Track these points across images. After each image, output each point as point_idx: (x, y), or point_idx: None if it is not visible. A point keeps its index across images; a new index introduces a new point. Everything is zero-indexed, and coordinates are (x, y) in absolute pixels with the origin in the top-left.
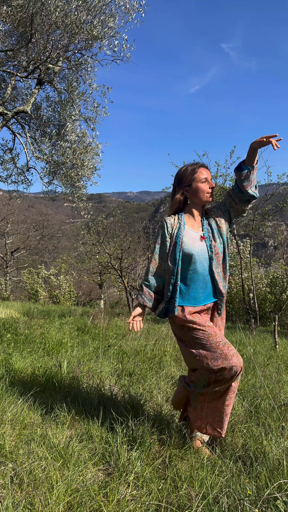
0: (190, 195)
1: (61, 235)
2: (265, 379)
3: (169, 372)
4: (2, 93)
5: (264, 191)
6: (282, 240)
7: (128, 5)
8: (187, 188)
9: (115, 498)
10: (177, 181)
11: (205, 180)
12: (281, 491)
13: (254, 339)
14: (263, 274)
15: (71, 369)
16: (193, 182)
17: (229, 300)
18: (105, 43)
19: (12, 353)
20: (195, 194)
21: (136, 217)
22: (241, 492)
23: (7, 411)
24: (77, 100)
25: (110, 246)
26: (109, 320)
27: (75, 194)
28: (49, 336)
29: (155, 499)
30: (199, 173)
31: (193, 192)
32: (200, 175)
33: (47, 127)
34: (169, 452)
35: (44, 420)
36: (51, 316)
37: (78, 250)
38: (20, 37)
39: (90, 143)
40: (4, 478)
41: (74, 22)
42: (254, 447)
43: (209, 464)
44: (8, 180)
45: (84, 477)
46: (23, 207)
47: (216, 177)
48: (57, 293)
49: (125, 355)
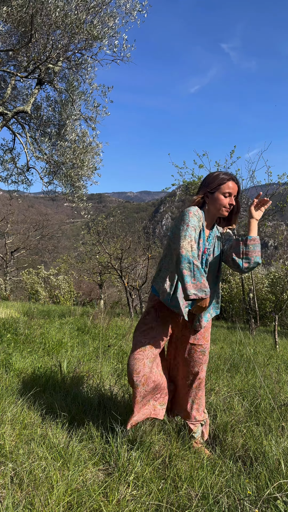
0: (209, 201)
1: (61, 235)
2: (265, 379)
3: None
4: (2, 93)
5: (264, 191)
6: (282, 240)
7: (129, 5)
8: (209, 194)
9: (115, 498)
10: (204, 183)
11: (228, 194)
12: (281, 491)
13: (254, 339)
14: (263, 274)
15: (71, 369)
16: (216, 191)
17: (229, 300)
18: (105, 43)
19: (12, 353)
20: (213, 203)
21: (136, 217)
22: (241, 492)
23: (7, 411)
24: (77, 99)
25: (110, 246)
26: (109, 320)
27: (75, 194)
28: (49, 336)
29: (155, 499)
30: (225, 185)
31: (212, 200)
32: (225, 187)
33: (47, 127)
34: (169, 452)
35: (44, 420)
36: (51, 316)
37: (78, 250)
38: (20, 37)
39: (90, 142)
40: (4, 478)
41: (74, 22)
42: (254, 447)
43: (209, 464)
44: (8, 180)
45: (84, 477)
46: (23, 207)
47: None
48: (57, 293)
49: (125, 355)
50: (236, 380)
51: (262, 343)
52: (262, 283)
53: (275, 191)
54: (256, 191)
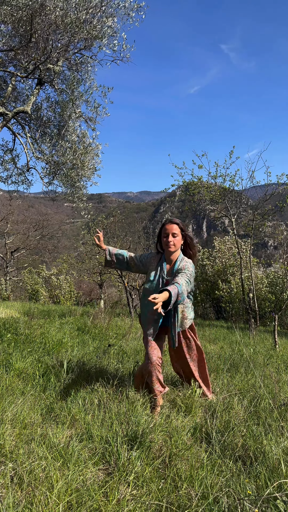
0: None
1: (61, 235)
2: (265, 379)
3: (169, 371)
4: (3, 93)
5: (264, 191)
6: (282, 240)
7: (128, 4)
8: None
9: (115, 498)
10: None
11: (166, 235)
12: (281, 490)
13: (254, 339)
14: (263, 274)
15: (71, 369)
16: (161, 236)
17: (229, 300)
18: (104, 42)
19: (12, 353)
20: (163, 244)
21: (136, 217)
22: (241, 492)
23: (7, 411)
24: (78, 100)
25: (110, 246)
26: (109, 320)
27: (75, 194)
28: (49, 336)
29: (155, 499)
30: (163, 230)
31: (162, 243)
32: (163, 231)
33: (47, 128)
34: (169, 452)
35: (44, 420)
36: (51, 316)
37: (78, 250)
38: (20, 37)
39: (90, 143)
40: (4, 478)
41: (74, 22)
42: (254, 447)
43: (209, 464)
44: (8, 181)
45: (84, 476)
46: (23, 207)
47: (216, 177)
48: (58, 293)
49: (125, 354)
50: (236, 380)
51: (262, 343)
52: (262, 283)
53: (274, 191)
54: (256, 191)
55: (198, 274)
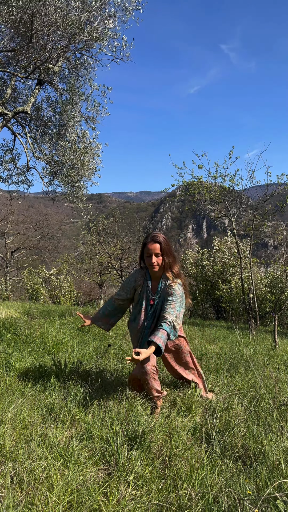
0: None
1: (61, 235)
2: (265, 379)
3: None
4: (3, 94)
5: (264, 191)
6: (282, 240)
7: (127, 3)
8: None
9: (115, 498)
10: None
11: (148, 255)
12: (281, 490)
13: (254, 339)
14: (263, 274)
15: (71, 368)
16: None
17: (229, 300)
18: (105, 44)
19: (12, 353)
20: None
21: (136, 217)
22: (241, 492)
23: (7, 411)
24: (78, 100)
25: (110, 246)
26: None
27: (75, 194)
28: (49, 336)
29: (155, 499)
30: (145, 249)
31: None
32: (145, 251)
33: (47, 128)
34: (169, 452)
35: (44, 420)
36: (51, 316)
37: (78, 250)
38: (20, 37)
39: (90, 143)
40: (4, 478)
41: (75, 22)
42: (254, 447)
43: (209, 464)
44: (8, 181)
45: (84, 477)
46: (23, 207)
47: (216, 177)
48: (58, 293)
49: (125, 354)
50: (236, 380)
51: (262, 343)
52: (262, 283)
53: (274, 191)
54: (256, 191)
55: (198, 274)
